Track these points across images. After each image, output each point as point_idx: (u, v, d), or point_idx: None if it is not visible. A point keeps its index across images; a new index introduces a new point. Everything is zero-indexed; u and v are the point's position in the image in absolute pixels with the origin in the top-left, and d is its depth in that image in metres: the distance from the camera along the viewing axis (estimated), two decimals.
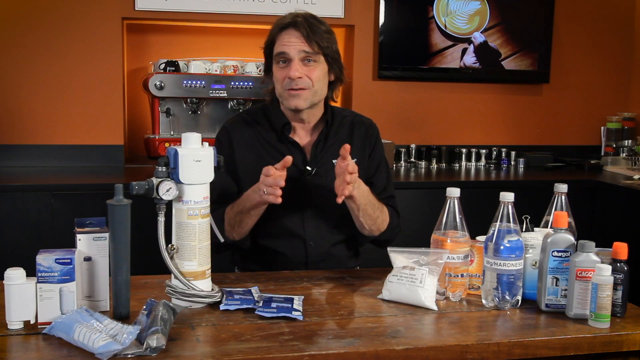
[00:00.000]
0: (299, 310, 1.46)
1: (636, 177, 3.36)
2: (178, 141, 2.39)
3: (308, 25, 1.84)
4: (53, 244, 1.56)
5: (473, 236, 1.62)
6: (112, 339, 1.23)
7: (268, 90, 1.99)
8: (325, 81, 1.91)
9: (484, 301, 1.55)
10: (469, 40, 3.80)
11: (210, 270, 1.53)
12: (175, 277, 1.48)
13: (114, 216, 1.37)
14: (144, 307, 1.35)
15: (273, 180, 1.66)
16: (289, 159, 1.69)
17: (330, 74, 1.91)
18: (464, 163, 3.78)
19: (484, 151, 3.82)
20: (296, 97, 1.85)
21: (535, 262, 1.56)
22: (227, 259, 2.04)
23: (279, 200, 1.66)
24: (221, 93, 3.41)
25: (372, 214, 1.86)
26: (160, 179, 1.43)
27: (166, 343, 1.24)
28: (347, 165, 1.69)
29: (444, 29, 3.75)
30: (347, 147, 1.70)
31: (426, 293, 1.52)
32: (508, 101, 3.97)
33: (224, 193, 1.88)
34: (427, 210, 2.75)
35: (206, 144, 1.49)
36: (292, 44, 1.83)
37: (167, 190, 1.44)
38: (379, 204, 1.89)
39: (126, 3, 3.33)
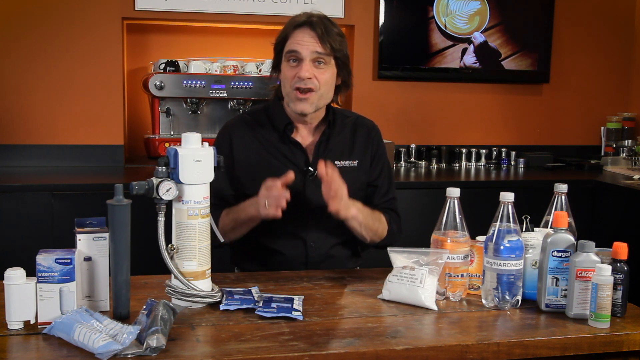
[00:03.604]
0: (299, 310, 1.46)
1: (636, 177, 3.36)
2: (178, 141, 2.39)
3: (323, 26, 1.83)
4: (53, 244, 1.56)
5: (473, 236, 1.62)
6: (112, 339, 1.23)
7: (274, 87, 1.98)
8: (333, 85, 1.90)
9: (484, 301, 1.55)
10: (469, 40, 3.80)
11: (210, 270, 1.53)
12: (175, 277, 1.48)
13: (114, 216, 1.37)
14: (144, 307, 1.35)
15: (278, 192, 1.64)
16: (291, 176, 1.67)
17: (337, 77, 1.91)
18: (464, 163, 3.78)
19: (484, 151, 3.82)
20: (303, 101, 1.84)
21: (535, 262, 1.56)
22: (227, 258, 2.04)
23: (279, 213, 1.64)
24: (221, 93, 3.41)
25: (372, 226, 1.87)
26: (160, 179, 1.43)
27: (166, 343, 1.24)
28: (325, 171, 1.68)
29: (444, 29, 3.75)
30: (329, 163, 1.70)
31: (426, 293, 1.52)
32: (508, 101, 3.97)
33: (220, 195, 1.88)
34: (427, 210, 2.75)
35: (206, 144, 1.49)
36: (306, 43, 1.82)
37: (167, 190, 1.44)
38: (376, 214, 1.90)
39: (126, 3, 3.33)
